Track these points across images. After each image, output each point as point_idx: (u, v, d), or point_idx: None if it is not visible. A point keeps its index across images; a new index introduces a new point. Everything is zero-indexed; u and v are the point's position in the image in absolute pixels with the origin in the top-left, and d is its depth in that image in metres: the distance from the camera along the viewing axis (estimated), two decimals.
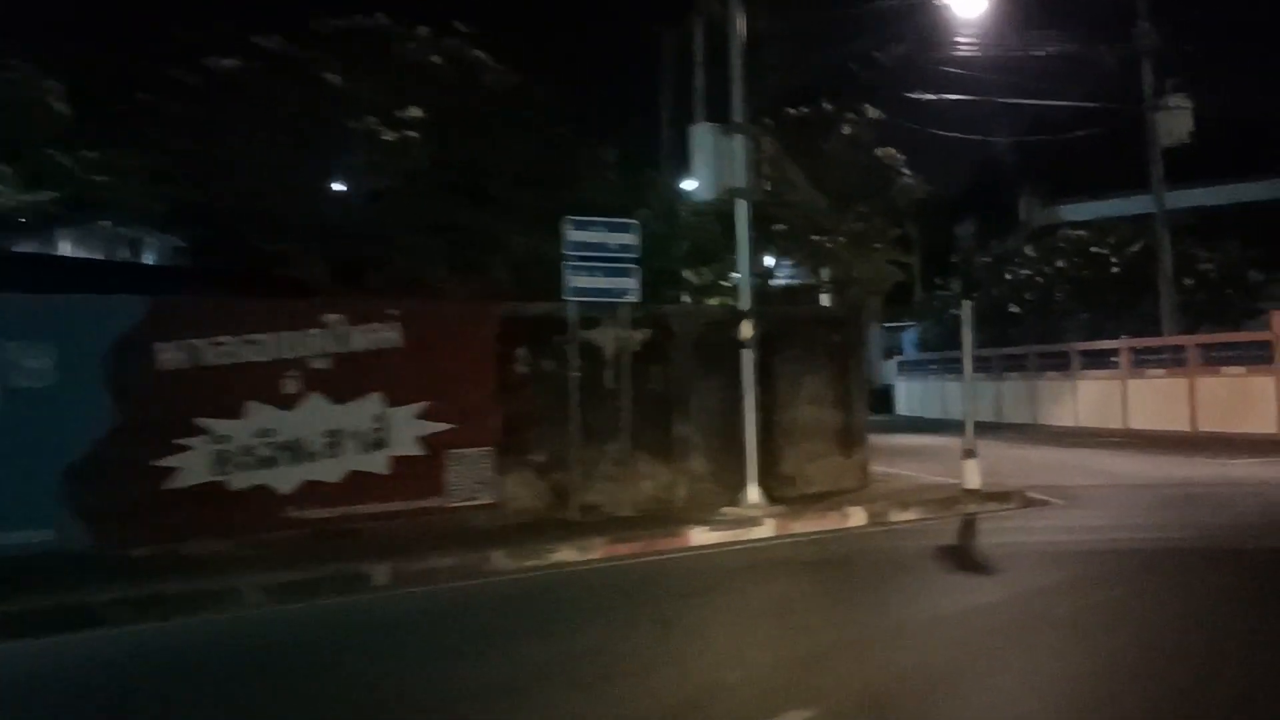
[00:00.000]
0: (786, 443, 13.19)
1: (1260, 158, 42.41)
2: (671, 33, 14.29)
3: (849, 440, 13.77)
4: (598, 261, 11.56)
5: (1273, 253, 28.24)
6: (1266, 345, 21.24)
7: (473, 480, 11.09)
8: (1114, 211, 31.44)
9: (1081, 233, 30.40)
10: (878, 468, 16.23)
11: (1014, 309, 30.09)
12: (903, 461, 18.24)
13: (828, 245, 14.98)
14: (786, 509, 11.80)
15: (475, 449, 11.09)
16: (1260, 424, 20.91)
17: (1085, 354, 26.43)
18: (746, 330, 11.95)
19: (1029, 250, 31.16)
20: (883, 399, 38.52)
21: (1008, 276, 30.61)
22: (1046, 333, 29.24)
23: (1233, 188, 35.15)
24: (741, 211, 11.94)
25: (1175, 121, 24.64)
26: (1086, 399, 26.14)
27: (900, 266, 18.37)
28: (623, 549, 10.35)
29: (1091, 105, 25.67)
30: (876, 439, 24.83)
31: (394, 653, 7.05)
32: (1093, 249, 28.89)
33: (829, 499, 12.62)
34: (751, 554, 10.33)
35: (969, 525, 11.47)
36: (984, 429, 25.58)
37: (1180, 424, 22.72)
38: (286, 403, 10.27)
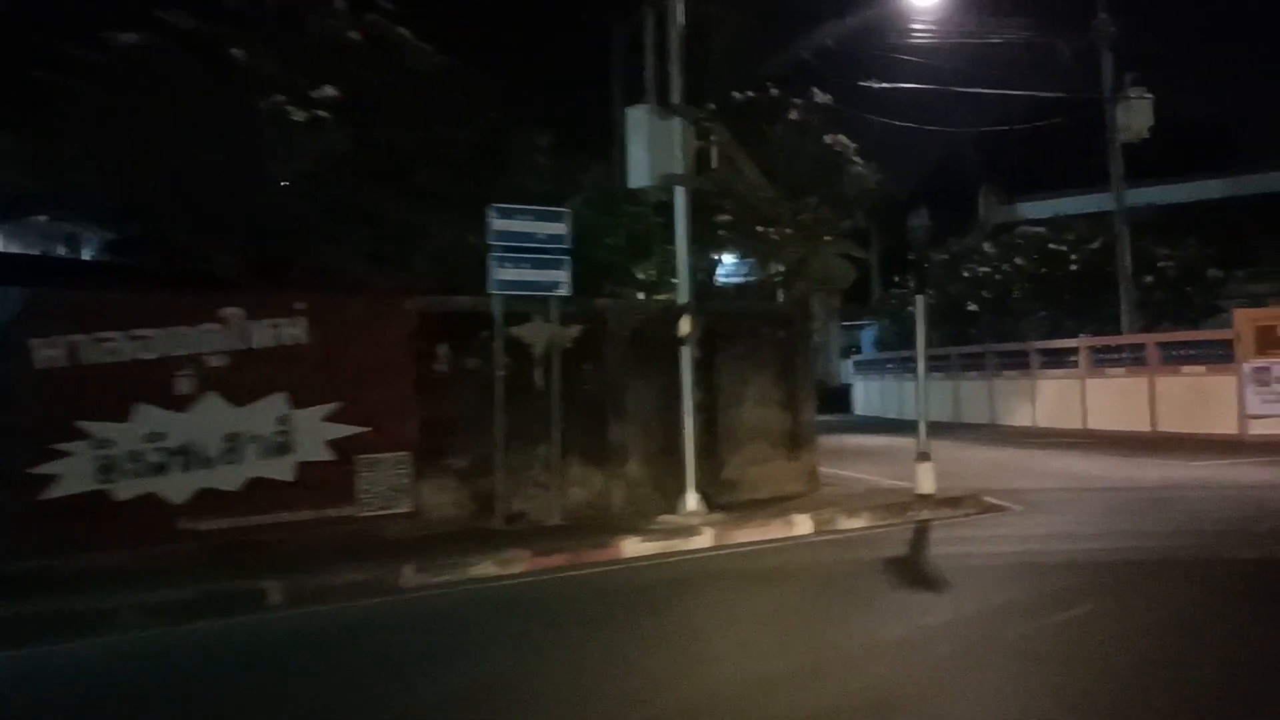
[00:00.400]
0: (730, 446, 12.47)
1: (1218, 155, 42.40)
2: (623, 21, 13.47)
3: (796, 442, 13.04)
4: (525, 252, 10.78)
5: (1231, 250, 27.88)
6: (1227, 344, 20.76)
7: (387, 487, 10.26)
8: (1073, 209, 30.99)
9: (1040, 229, 29.89)
10: (830, 470, 15.60)
11: (972, 307, 29.54)
12: (856, 463, 17.59)
13: (774, 237, 14.21)
14: (727, 517, 11.05)
15: (390, 454, 10.26)
16: (1221, 424, 20.44)
17: (1044, 353, 25.94)
18: (685, 326, 11.19)
19: (987, 247, 30.61)
20: (840, 398, 38.05)
21: (965, 274, 30.06)
22: (1005, 331, 28.75)
23: (1191, 185, 34.85)
24: (680, 200, 11.17)
25: (1134, 115, 24.12)
26: (1045, 399, 25.65)
27: (853, 261, 17.64)
28: (548, 561, 9.57)
29: (1050, 94, 25.16)
30: (831, 440, 24.28)
31: (274, 684, 6.26)
32: (1051, 246, 28.36)
33: (774, 505, 11.89)
34: (686, 567, 9.57)
35: (920, 534, 10.79)
36: (941, 429, 25.14)
37: (1140, 424, 22.23)
38: (179, 404, 9.40)
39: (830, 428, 28.58)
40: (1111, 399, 23.28)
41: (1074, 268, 27.69)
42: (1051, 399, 25.36)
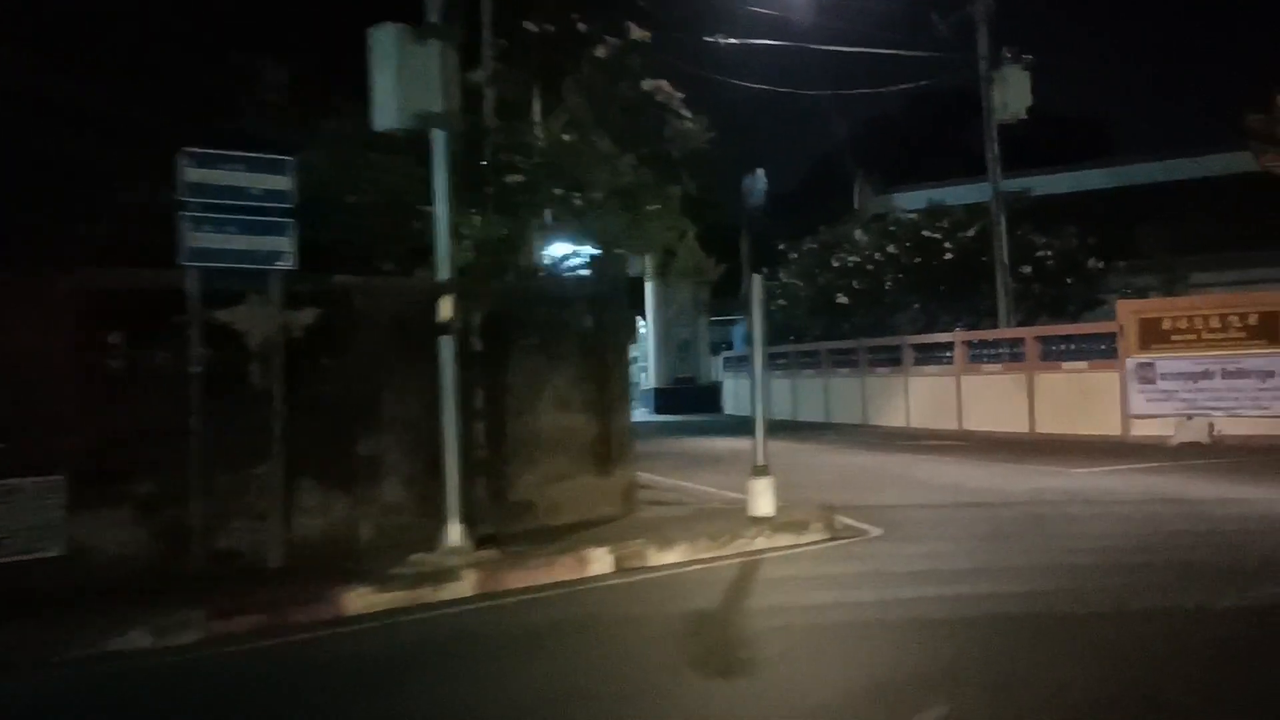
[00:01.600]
0: (522, 461, 10.05)
1: (1096, 148, 41.57)
2: None
3: (608, 455, 10.66)
4: (232, 212, 8.21)
5: (1112, 241, 26.46)
6: (1111, 338, 19.10)
7: (28, 524, 7.58)
8: (951, 199, 29.31)
9: (913, 216, 28.11)
10: (673, 481, 13.70)
11: (842, 299, 27.61)
12: (704, 472, 15.43)
13: (578, 203, 11.77)
14: (500, 554, 8.60)
15: (34, 479, 7.59)
16: (1103, 425, 18.80)
17: (918, 348, 24.14)
18: (445, 310, 8.70)
19: (858, 235, 28.69)
20: (710, 397, 36.11)
21: (835, 263, 28.11)
22: (877, 324, 26.92)
23: (1070, 175, 33.60)
24: (440, 147, 8.69)
25: (1012, 91, 22.35)
26: (919, 397, 23.82)
27: (682, 235, 15.25)
28: (233, 625, 7.02)
29: (928, 53, 23.41)
30: (687, 443, 22.19)
31: None
32: (925, 234, 26.54)
33: (573, 534, 9.49)
34: (421, 630, 7.09)
35: (745, 574, 8.50)
36: (809, 431, 23.27)
37: (1018, 424, 20.51)
38: None
39: (693, 429, 26.58)
40: (988, 398, 21.56)
41: (949, 257, 25.94)
42: (926, 398, 23.57)
